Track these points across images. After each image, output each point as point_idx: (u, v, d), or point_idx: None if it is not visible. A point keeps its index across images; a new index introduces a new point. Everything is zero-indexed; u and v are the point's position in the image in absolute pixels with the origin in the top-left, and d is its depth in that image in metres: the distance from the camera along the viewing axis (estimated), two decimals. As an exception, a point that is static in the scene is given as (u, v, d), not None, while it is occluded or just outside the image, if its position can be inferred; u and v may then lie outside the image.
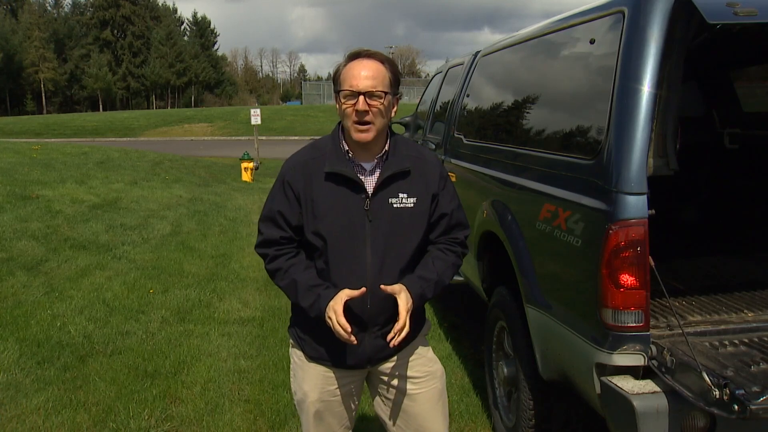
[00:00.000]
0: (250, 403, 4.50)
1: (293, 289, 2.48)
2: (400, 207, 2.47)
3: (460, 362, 5.15)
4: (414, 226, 2.51)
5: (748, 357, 2.56)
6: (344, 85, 2.39)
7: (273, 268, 2.53)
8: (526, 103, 3.92)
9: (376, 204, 2.45)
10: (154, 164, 18.21)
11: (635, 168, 2.57)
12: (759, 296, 3.28)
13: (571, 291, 3.00)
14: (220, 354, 5.36)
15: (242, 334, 5.84)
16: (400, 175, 2.48)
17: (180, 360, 5.19)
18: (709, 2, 2.43)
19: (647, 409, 2.48)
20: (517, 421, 3.65)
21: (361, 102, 2.36)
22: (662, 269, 2.66)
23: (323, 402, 2.64)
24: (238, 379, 4.87)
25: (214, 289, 7.20)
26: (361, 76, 2.37)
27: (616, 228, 2.55)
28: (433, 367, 2.75)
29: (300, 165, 2.51)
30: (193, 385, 4.75)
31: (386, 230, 2.46)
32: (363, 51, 2.45)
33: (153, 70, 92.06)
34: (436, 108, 6.40)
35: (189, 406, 4.43)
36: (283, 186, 2.51)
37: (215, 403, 4.48)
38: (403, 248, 2.50)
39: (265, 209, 2.57)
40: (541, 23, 4.08)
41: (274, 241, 2.52)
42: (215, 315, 6.35)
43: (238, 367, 5.10)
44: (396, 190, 2.48)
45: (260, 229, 2.57)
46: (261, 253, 2.57)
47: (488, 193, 4.08)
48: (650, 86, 2.62)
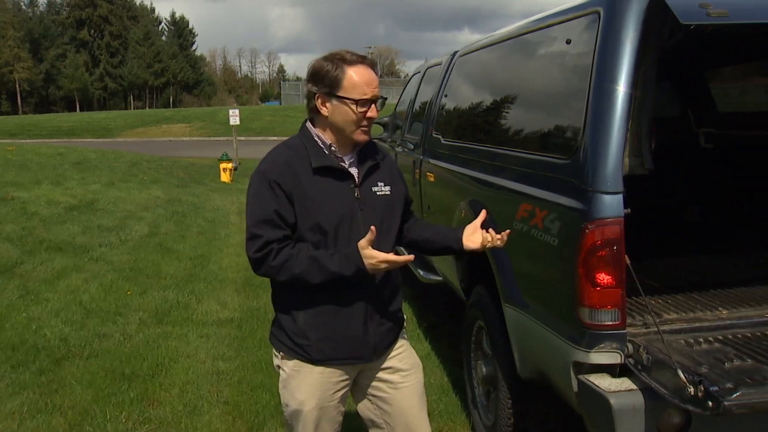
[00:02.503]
0: (228, 404, 4.48)
1: (315, 265, 2.43)
2: (382, 194, 2.63)
3: (438, 362, 5.16)
4: (393, 212, 2.67)
5: (722, 354, 2.59)
6: (356, 92, 2.45)
7: (282, 259, 2.45)
8: (503, 103, 3.94)
9: (365, 192, 2.58)
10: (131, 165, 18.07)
11: (611, 167, 2.59)
12: (733, 294, 3.31)
13: (549, 290, 3.02)
14: (199, 356, 5.33)
15: (221, 335, 5.82)
16: (375, 166, 2.65)
17: (158, 362, 5.15)
18: (682, 3, 2.45)
19: (624, 406, 2.49)
20: (496, 420, 3.67)
21: (374, 110, 2.50)
22: (639, 268, 2.68)
23: (321, 409, 2.64)
24: (216, 381, 4.85)
25: (192, 290, 7.17)
26: (372, 84, 2.49)
27: (592, 227, 2.57)
28: (416, 359, 2.85)
29: (283, 164, 2.52)
30: (171, 387, 4.72)
31: (376, 217, 2.56)
32: (362, 57, 2.52)
33: (131, 71, 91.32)
34: (414, 108, 6.41)
35: (167, 408, 4.40)
36: (271, 186, 2.48)
37: (193, 405, 4.45)
38: (389, 233, 2.64)
39: (256, 213, 2.49)
40: (518, 23, 4.09)
41: (276, 239, 2.47)
42: (193, 316, 6.31)
43: (217, 368, 5.08)
44: (376, 180, 2.63)
45: (256, 233, 2.47)
46: (262, 256, 2.47)
47: (466, 193, 4.09)
48: (625, 86, 2.63)
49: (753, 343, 2.72)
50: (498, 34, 4.36)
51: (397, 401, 2.73)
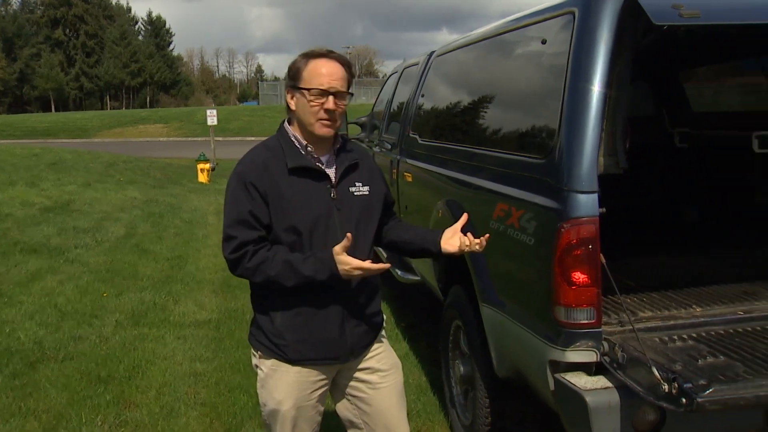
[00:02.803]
0: (206, 406, 4.45)
1: (289, 268, 2.44)
2: (359, 195, 2.61)
3: (417, 361, 5.17)
4: (372, 213, 2.66)
5: (695, 351, 2.61)
6: (312, 83, 2.47)
7: (257, 261, 2.46)
8: (480, 103, 3.95)
9: (341, 193, 2.57)
10: (108, 165, 17.95)
11: (586, 167, 2.60)
12: (707, 292, 3.35)
13: (525, 289, 3.03)
14: (176, 357, 5.29)
15: (198, 336, 5.78)
16: (353, 166, 2.63)
17: (134, 364, 5.11)
18: (655, 4, 2.47)
19: (599, 404, 2.51)
20: (474, 419, 3.67)
21: (331, 102, 2.47)
22: (614, 266, 2.70)
23: (298, 408, 2.64)
24: (193, 383, 4.82)
25: (169, 291, 7.12)
26: (331, 75, 2.47)
27: (567, 226, 2.58)
28: (396, 359, 2.84)
29: (259, 165, 2.52)
30: (147, 390, 4.68)
31: (353, 217, 2.56)
32: (327, 51, 2.54)
33: (107, 70, 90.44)
34: (391, 108, 6.41)
35: (143, 411, 4.36)
36: (246, 187, 2.49)
37: (170, 407, 4.42)
38: (367, 234, 2.63)
39: (231, 214, 2.50)
40: (494, 23, 4.11)
41: (251, 241, 2.48)
42: (170, 318, 6.27)
43: (194, 370, 5.04)
44: (353, 180, 2.62)
45: (231, 234, 2.48)
46: (237, 257, 2.48)
47: (443, 193, 4.10)
48: (600, 86, 2.65)
49: (726, 340, 2.75)
50: (474, 35, 4.37)
51: (376, 401, 2.74)
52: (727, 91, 5.82)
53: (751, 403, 2.26)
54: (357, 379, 2.73)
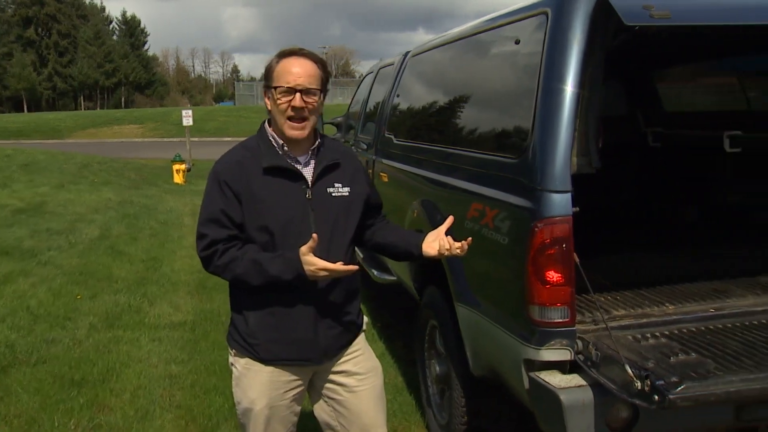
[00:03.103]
0: (181, 408, 4.42)
1: (256, 268, 2.44)
2: (338, 196, 2.59)
3: (393, 361, 5.17)
4: (351, 214, 2.62)
5: (668, 348, 2.63)
6: (280, 81, 2.47)
7: (226, 260, 2.48)
8: (454, 103, 3.96)
9: (317, 194, 2.54)
10: (82, 167, 17.78)
11: (559, 166, 2.62)
12: (679, 290, 3.38)
13: (500, 288, 3.04)
14: (151, 360, 5.25)
15: (173, 338, 5.74)
16: (333, 166, 2.60)
17: (108, 367, 5.06)
18: (626, 4, 2.49)
19: (573, 402, 2.52)
20: (450, 419, 3.68)
21: (297, 99, 2.45)
22: (588, 265, 2.71)
23: (271, 408, 2.63)
24: (169, 385, 4.78)
25: (144, 293, 7.06)
26: (297, 73, 2.46)
27: (541, 226, 2.60)
28: (375, 363, 2.82)
29: (235, 164, 2.54)
30: (122, 393, 4.64)
31: (329, 219, 2.54)
32: (297, 50, 2.53)
33: (80, 70, 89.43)
34: (367, 108, 6.41)
35: (118, 414, 4.32)
36: (221, 186, 2.50)
37: (145, 410, 4.38)
38: (344, 236, 2.60)
39: (204, 213, 2.53)
40: (469, 24, 4.12)
41: (221, 239, 2.49)
42: (145, 320, 6.22)
43: (169, 372, 5.00)
44: (332, 180, 2.59)
45: (203, 232, 2.51)
46: (208, 255, 2.51)
47: (418, 193, 4.11)
48: (573, 86, 2.67)
49: (698, 337, 2.78)
50: (449, 35, 4.38)
51: (353, 405, 2.73)
52: (699, 91, 5.89)
53: (721, 399, 2.29)
54: (333, 382, 2.73)
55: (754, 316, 3.02)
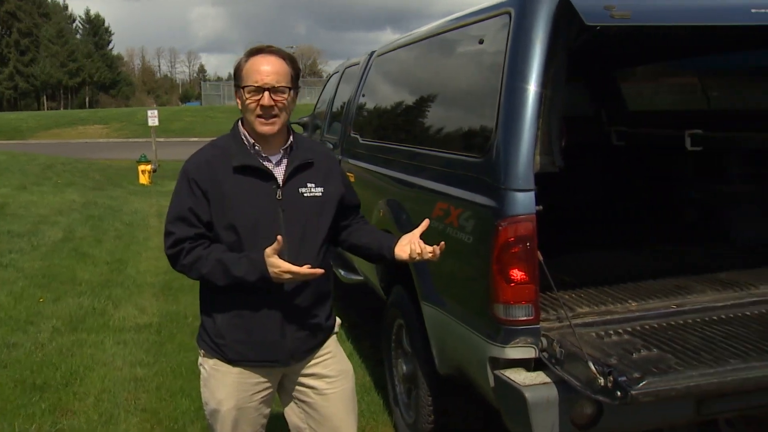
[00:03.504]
0: (146, 412, 4.36)
1: (221, 268, 2.42)
2: (310, 196, 2.55)
3: (360, 361, 5.16)
4: (323, 215, 2.59)
5: (630, 345, 2.67)
6: (248, 80, 2.44)
7: (192, 259, 2.46)
8: (419, 103, 3.97)
9: (288, 194, 2.51)
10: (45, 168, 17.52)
11: (522, 165, 2.64)
12: (642, 287, 3.42)
13: (464, 287, 3.05)
14: (115, 363, 5.18)
15: (138, 341, 5.67)
16: (306, 165, 2.57)
17: (72, 371, 4.98)
18: (587, 5, 2.51)
19: (538, 399, 2.54)
20: (417, 418, 3.69)
21: (266, 97, 2.42)
22: (553, 263, 2.73)
23: (239, 409, 2.61)
24: (134, 388, 4.72)
25: (108, 295, 6.96)
26: (265, 71, 2.43)
27: (505, 224, 2.62)
28: (346, 366, 2.80)
29: (204, 163, 2.51)
30: (85, 397, 4.57)
31: (300, 219, 2.51)
32: (264, 47, 2.51)
33: (43, 70, 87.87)
34: (333, 108, 6.40)
35: (81, 418, 4.25)
36: (189, 184, 2.48)
37: (109, 414, 4.32)
38: (315, 236, 2.56)
39: (172, 210, 2.52)
40: (433, 23, 4.13)
41: (188, 237, 2.48)
42: (110, 323, 6.13)
43: (134, 375, 4.94)
44: (304, 180, 2.55)
45: (170, 230, 2.50)
46: (175, 252, 2.49)
47: (383, 193, 4.11)
48: (536, 85, 2.69)
49: (659, 333, 2.82)
50: (414, 34, 4.39)
51: (323, 408, 2.71)
52: (662, 91, 5.97)
53: (682, 393, 2.32)
54: (303, 384, 2.71)
55: (713, 312, 3.07)
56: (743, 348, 2.59)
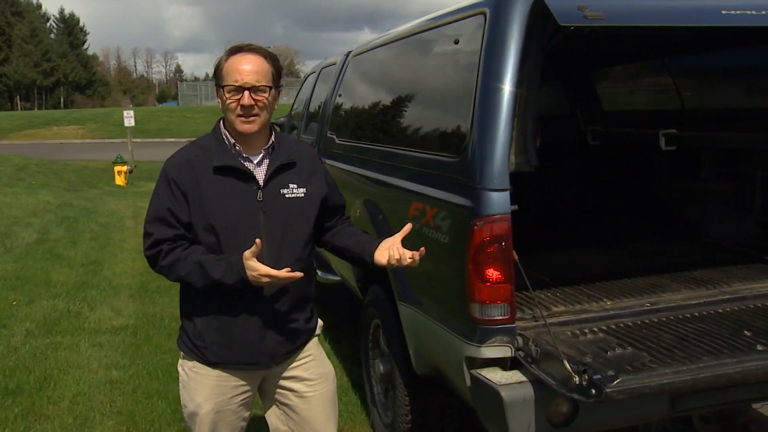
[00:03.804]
0: (122, 414, 4.33)
1: (199, 270, 2.39)
2: (292, 197, 2.52)
3: (338, 361, 5.15)
4: (306, 216, 2.56)
5: (605, 343, 2.68)
6: (228, 79, 2.41)
7: (170, 261, 2.43)
8: (395, 103, 3.97)
9: (269, 195, 2.48)
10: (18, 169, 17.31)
11: (497, 165, 2.64)
12: (617, 285, 3.45)
13: (441, 287, 3.06)
14: (91, 365, 5.13)
15: (114, 343, 5.62)
16: (287, 165, 2.54)
17: (46, 374, 4.92)
18: (561, 5, 2.52)
19: (514, 398, 2.55)
20: (395, 417, 3.69)
21: (246, 97, 2.39)
22: (530, 263, 2.75)
23: (218, 413, 2.59)
24: (109, 391, 4.68)
25: (84, 298, 6.90)
26: (245, 70, 2.40)
27: (480, 224, 2.62)
28: (327, 368, 2.78)
29: (184, 162, 2.48)
30: (60, 400, 4.52)
31: (281, 221, 2.49)
32: (245, 45, 2.47)
33: (16, 69, 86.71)
34: (310, 108, 6.39)
35: (55, 423, 4.21)
36: (169, 184, 2.45)
37: (84, 417, 4.28)
38: (297, 238, 2.54)
39: (151, 210, 2.48)
40: (409, 23, 4.13)
41: (167, 239, 2.44)
42: (85, 325, 6.07)
43: (110, 378, 4.90)
44: (286, 181, 2.52)
45: (149, 230, 2.46)
46: (153, 254, 2.46)
47: (360, 193, 4.10)
48: (511, 85, 2.70)
49: (633, 331, 2.84)
50: (389, 35, 4.39)
51: (303, 411, 2.70)
52: (637, 91, 6.03)
53: (655, 391, 2.34)
54: (284, 387, 2.70)
55: (687, 310, 3.10)
56: (716, 345, 2.62)
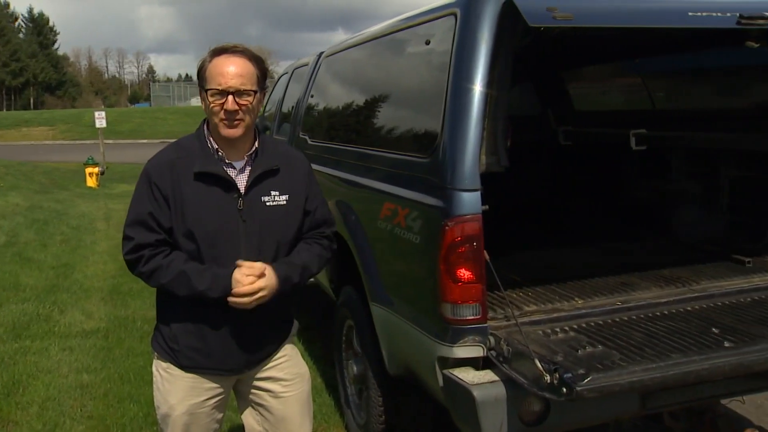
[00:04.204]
0: (93, 419, 4.28)
1: (183, 279, 2.36)
2: (273, 205, 2.48)
3: (312, 363, 5.13)
4: (287, 224, 2.53)
5: (576, 342, 2.70)
6: (212, 82, 2.36)
7: (151, 267, 2.40)
8: (367, 104, 3.97)
9: (249, 203, 2.44)
10: (-14, 171, 17.02)
11: (468, 165, 2.65)
12: (588, 284, 3.47)
13: (413, 287, 3.06)
14: (61, 370, 5.07)
15: (85, 347, 5.56)
16: (270, 173, 2.49)
17: (14, 379, 4.85)
18: (531, 6, 2.53)
19: (486, 398, 2.56)
20: (368, 418, 3.69)
21: (230, 101, 2.34)
22: (502, 262, 2.76)
23: (191, 414, 2.57)
24: (80, 395, 4.62)
25: (54, 301, 6.81)
26: (229, 74, 2.34)
27: (451, 224, 2.63)
28: (302, 369, 2.77)
29: (166, 165, 2.43)
30: (29, 406, 4.45)
31: (261, 230, 2.45)
32: (229, 47, 2.42)
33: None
34: (282, 109, 6.37)
35: (24, 429, 4.15)
36: (151, 187, 2.41)
37: (54, 423, 4.22)
38: (277, 246, 2.51)
39: (131, 213, 2.44)
40: (381, 24, 4.13)
41: (148, 244, 2.40)
42: (55, 329, 6.00)
43: (81, 382, 4.84)
44: (268, 188, 2.48)
45: (129, 234, 2.42)
46: (133, 258, 2.42)
47: (333, 193, 4.09)
48: (481, 86, 2.71)
49: (604, 330, 2.86)
50: (361, 35, 4.39)
51: (278, 411, 2.69)
52: (608, 91, 6.08)
53: (625, 389, 2.36)
54: (259, 388, 2.69)
55: (657, 308, 3.13)
56: (684, 343, 2.65)
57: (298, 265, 2.52)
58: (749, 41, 3.08)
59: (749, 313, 3.03)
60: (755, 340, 2.67)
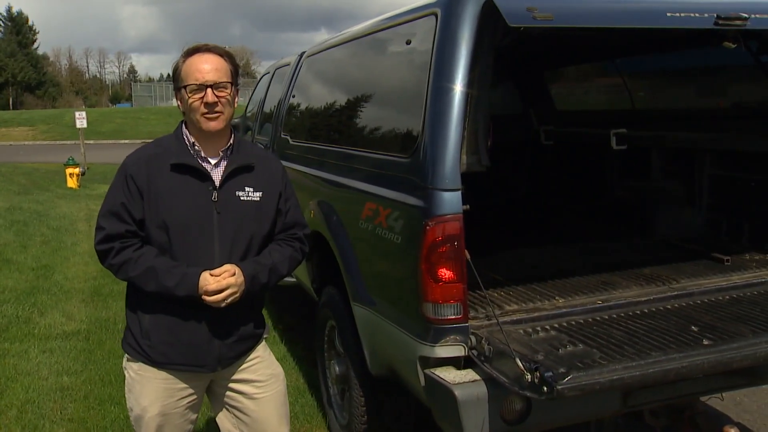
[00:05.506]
0: (73, 422, 4.24)
1: (151, 275, 2.39)
2: (247, 200, 2.52)
3: (294, 363, 5.13)
4: (260, 220, 2.56)
5: (557, 341, 2.71)
6: (189, 79, 2.43)
7: (120, 260, 2.43)
8: (348, 104, 3.97)
9: (224, 196, 2.49)
10: (-35, 172, 16.82)
11: (449, 165, 2.65)
12: (569, 283, 3.49)
13: (394, 287, 3.06)
14: (41, 372, 5.02)
15: (66, 349, 5.51)
16: (245, 168, 2.55)
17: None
18: (511, 6, 2.54)
19: (468, 397, 2.57)
20: (351, 418, 3.69)
21: (209, 94, 2.41)
22: (483, 262, 2.76)
23: (164, 415, 2.56)
24: (60, 398, 4.58)
25: (34, 303, 6.74)
26: (205, 69, 2.42)
27: (432, 224, 2.63)
28: (276, 369, 2.77)
29: (143, 159, 2.49)
30: (7, 409, 4.41)
31: (234, 222, 2.49)
32: (201, 46, 2.50)
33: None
34: (264, 109, 6.34)
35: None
36: (126, 180, 2.45)
37: (34, 426, 4.18)
38: (250, 241, 2.54)
39: (105, 204, 2.48)
40: (362, 24, 4.13)
41: (119, 234, 2.44)
42: (35, 331, 5.94)
43: (61, 384, 4.80)
44: (242, 184, 2.53)
45: (101, 224, 2.46)
46: (104, 249, 2.45)
47: (314, 194, 4.08)
48: (462, 86, 2.71)
49: (585, 328, 2.88)
50: (343, 35, 4.39)
51: (254, 412, 2.69)
52: (589, 91, 6.12)
53: (605, 387, 2.37)
54: (233, 390, 2.69)
55: (637, 306, 3.15)
56: (664, 341, 2.67)
57: (267, 266, 2.55)
58: (726, 42, 3.11)
59: (728, 311, 3.06)
60: (733, 338, 2.70)
